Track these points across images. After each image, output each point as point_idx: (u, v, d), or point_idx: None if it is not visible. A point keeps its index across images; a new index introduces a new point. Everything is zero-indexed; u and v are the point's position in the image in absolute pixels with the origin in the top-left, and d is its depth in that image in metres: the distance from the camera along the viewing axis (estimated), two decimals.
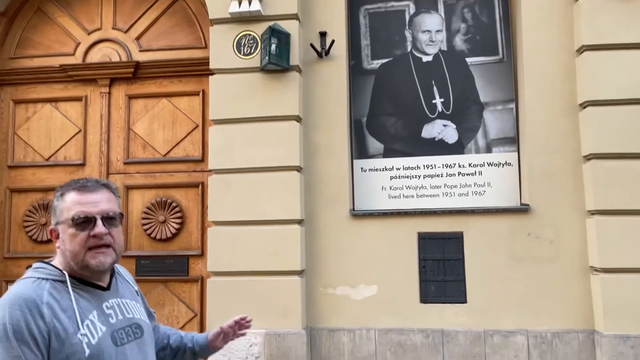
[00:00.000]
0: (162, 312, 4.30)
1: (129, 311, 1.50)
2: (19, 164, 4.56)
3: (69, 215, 1.41)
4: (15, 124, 4.61)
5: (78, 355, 1.31)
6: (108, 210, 1.44)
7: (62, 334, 1.30)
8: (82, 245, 1.39)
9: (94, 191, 1.45)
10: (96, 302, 1.42)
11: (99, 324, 1.38)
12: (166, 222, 4.34)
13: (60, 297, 1.34)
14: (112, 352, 1.38)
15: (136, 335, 1.48)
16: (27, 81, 4.60)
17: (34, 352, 1.27)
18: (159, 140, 4.45)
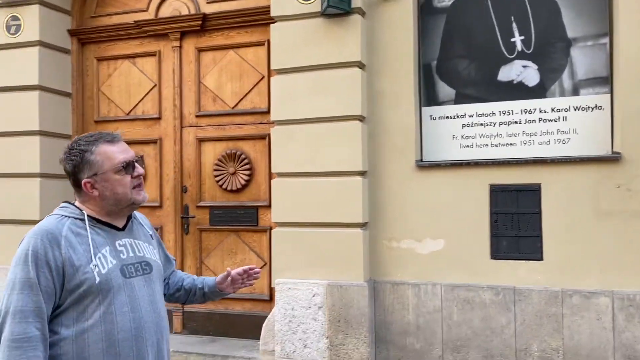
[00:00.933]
0: (235, 260, 4.46)
1: (140, 250, 1.69)
2: (103, 118, 4.85)
3: (114, 163, 1.60)
4: (99, 80, 4.88)
5: (90, 282, 1.51)
6: (135, 156, 1.69)
7: (76, 263, 1.50)
8: (128, 187, 1.62)
9: (120, 141, 1.68)
10: (110, 239, 1.61)
11: (110, 257, 1.57)
12: (236, 173, 4.43)
13: (78, 232, 1.55)
14: (120, 282, 1.56)
15: (145, 271, 1.66)
16: (107, 39, 4.81)
17: (47, 276, 1.47)
18: (227, 92, 4.49)
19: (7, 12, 4.56)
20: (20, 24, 4.53)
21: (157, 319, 1.65)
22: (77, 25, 4.84)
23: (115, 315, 1.53)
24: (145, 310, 1.61)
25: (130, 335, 1.55)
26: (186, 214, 4.57)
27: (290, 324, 3.83)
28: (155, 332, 1.63)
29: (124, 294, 1.57)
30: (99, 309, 1.52)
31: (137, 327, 1.57)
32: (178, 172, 4.60)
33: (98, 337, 1.50)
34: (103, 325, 1.51)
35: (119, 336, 1.53)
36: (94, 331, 1.50)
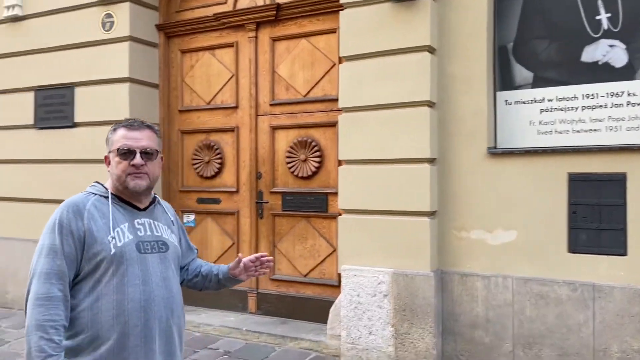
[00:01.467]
0: (305, 245, 4.55)
1: (158, 230, 1.80)
2: (187, 108, 5.13)
3: (116, 147, 1.74)
4: (183, 72, 5.16)
5: (105, 252, 1.65)
6: (147, 147, 1.75)
7: (95, 234, 1.65)
8: (124, 171, 1.72)
9: (138, 129, 1.77)
10: (130, 217, 1.75)
11: (127, 232, 1.71)
12: (307, 160, 4.51)
13: (101, 208, 1.71)
14: (133, 255, 1.69)
15: (160, 250, 1.77)
16: (190, 32, 5.07)
17: (70, 243, 1.63)
18: (299, 81, 4.57)
19: (102, 10, 4.95)
20: (113, 21, 4.90)
21: (168, 295, 1.74)
22: (163, 20, 5.15)
23: (126, 287, 1.64)
24: (156, 284, 1.70)
25: (139, 306, 1.66)
26: (260, 199, 4.73)
27: (356, 310, 3.85)
28: (164, 307, 1.72)
29: (137, 267, 1.68)
30: (113, 279, 1.64)
31: (147, 299, 1.67)
32: (253, 159, 4.76)
33: (110, 305, 1.62)
34: (115, 294, 1.63)
35: (128, 306, 1.64)
36: (106, 299, 1.63)
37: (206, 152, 5.00)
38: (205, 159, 4.99)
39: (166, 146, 5.16)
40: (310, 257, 4.55)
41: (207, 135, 5.02)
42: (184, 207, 5.14)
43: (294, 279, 4.63)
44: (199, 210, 5.06)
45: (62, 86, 5.16)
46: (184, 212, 5.14)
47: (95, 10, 4.97)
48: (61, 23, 5.15)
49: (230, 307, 4.88)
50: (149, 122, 1.84)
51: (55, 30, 5.18)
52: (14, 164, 5.47)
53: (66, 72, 5.13)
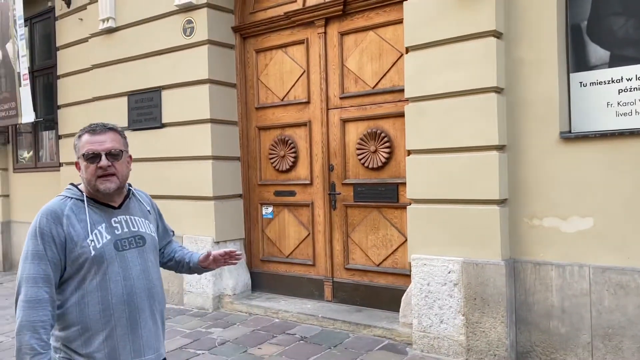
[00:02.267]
0: (377, 235, 4.63)
1: (135, 225, 1.91)
2: (262, 105, 5.38)
3: (82, 152, 1.83)
4: (258, 70, 5.40)
5: (86, 254, 1.76)
6: (111, 148, 1.83)
7: (75, 238, 1.76)
8: (93, 174, 1.81)
9: (101, 133, 1.84)
10: (106, 217, 1.85)
11: (105, 233, 1.81)
12: (377, 151, 4.57)
13: (78, 212, 1.81)
14: (113, 254, 1.80)
15: (138, 244, 1.89)
16: (263, 31, 5.30)
17: (52, 249, 1.74)
18: (368, 73, 4.64)
19: (183, 17, 5.30)
20: (193, 27, 5.24)
21: (149, 285, 1.88)
22: (238, 22, 5.42)
23: (109, 283, 1.78)
24: (137, 278, 1.84)
25: (122, 300, 1.80)
26: (333, 190, 4.87)
27: (427, 299, 3.88)
28: (147, 297, 1.86)
29: (117, 265, 1.80)
30: (96, 278, 1.77)
31: (129, 292, 1.81)
32: (325, 152, 4.90)
33: (95, 301, 1.76)
34: (99, 291, 1.77)
35: (112, 300, 1.78)
36: (91, 296, 1.76)
37: (281, 147, 5.22)
38: (281, 154, 5.21)
39: (244, 142, 5.45)
40: (383, 247, 4.62)
41: (282, 130, 5.23)
42: (263, 199, 5.40)
43: (367, 268, 4.72)
44: (277, 203, 5.30)
45: (151, 90, 5.60)
46: (263, 204, 5.40)
47: (177, 18, 5.34)
48: (148, 32, 5.58)
49: (308, 295, 5.07)
50: (112, 125, 1.91)
51: (143, 38, 5.63)
52: None
53: (153, 77, 5.56)
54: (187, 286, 5.32)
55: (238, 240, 5.41)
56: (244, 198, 5.47)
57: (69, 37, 6.63)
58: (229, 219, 5.31)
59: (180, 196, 5.39)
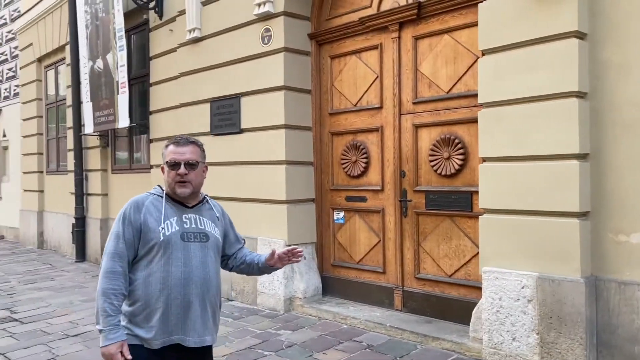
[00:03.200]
0: (450, 245, 4.48)
1: (202, 224, 2.21)
2: (336, 110, 5.40)
3: (166, 160, 2.18)
4: (332, 76, 5.43)
5: (156, 239, 2.09)
6: (189, 159, 2.16)
7: (150, 225, 2.11)
8: (173, 179, 2.15)
9: (183, 145, 2.18)
10: (179, 212, 2.18)
11: (175, 224, 2.14)
12: (450, 158, 4.43)
13: (157, 205, 2.16)
14: (178, 243, 2.11)
15: (202, 240, 2.18)
16: (338, 38, 5.32)
17: (129, 231, 2.10)
18: (442, 77, 4.51)
19: (261, 26, 5.46)
20: (271, 35, 5.38)
21: (205, 276, 2.15)
22: (315, 29, 5.49)
23: (170, 266, 2.08)
24: (195, 267, 2.12)
25: (180, 282, 2.09)
26: (404, 197, 4.78)
27: (498, 314, 3.69)
28: (201, 285, 2.13)
29: (180, 252, 2.10)
30: (161, 260, 2.08)
31: (186, 277, 2.10)
32: (397, 158, 4.83)
33: (157, 280, 2.08)
34: (162, 272, 2.08)
35: (171, 282, 2.08)
36: (155, 276, 2.08)
37: (353, 152, 5.21)
38: (353, 159, 5.20)
39: (318, 147, 5.50)
40: (455, 258, 4.46)
41: (354, 135, 5.22)
42: (334, 204, 5.42)
43: (438, 278, 4.58)
44: (348, 208, 5.30)
45: (231, 97, 5.82)
46: (334, 209, 5.42)
47: (256, 27, 5.51)
48: (229, 41, 5.81)
49: (377, 303, 5.01)
50: (194, 139, 2.24)
51: (225, 47, 5.86)
52: None
53: (234, 84, 5.77)
54: (261, 287, 5.45)
55: (310, 244, 5.46)
56: (316, 202, 5.52)
57: (160, 48, 7.07)
58: (301, 223, 5.38)
59: (255, 199, 5.54)
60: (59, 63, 10.01)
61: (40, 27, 10.36)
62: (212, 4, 6.05)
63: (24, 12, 10.99)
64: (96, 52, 7.90)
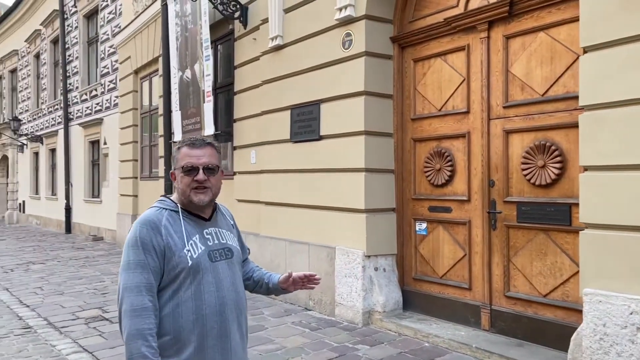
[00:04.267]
0: (544, 262, 4.08)
1: (223, 238, 1.95)
2: (418, 116, 5.15)
3: (181, 164, 1.87)
4: (415, 80, 5.19)
5: (183, 264, 1.79)
6: (208, 163, 1.87)
7: (173, 248, 1.80)
8: (188, 185, 1.86)
9: (200, 147, 1.89)
10: (199, 228, 1.89)
11: (199, 244, 1.85)
12: (545, 166, 4.04)
13: (173, 222, 1.85)
14: (207, 265, 1.84)
15: (227, 256, 1.92)
16: (422, 40, 5.08)
17: (154, 258, 1.78)
18: (536, 79, 4.14)
19: (342, 31, 5.35)
20: (351, 39, 5.24)
21: (237, 297, 1.91)
22: (397, 32, 5.28)
23: (203, 294, 1.80)
24: (227, 289, 1.87)
25: (215, 311, 1.82)
26: (493, 209, 4.43)
27: (602, 342, 3.28)
28: (235, 308, 1.88)
29: (210, 276, 1.83)
30: (191, 288, 1.79)
31: (221, 303, 1.84)
32: (485, 166, 4.49)
33: (189, 311, 1.78)
34: (193, 301, 1.79)
35: (206, 311, 1.80)
36: (186, 305, 1.78)
37: (437, 160, 4.93)
38: (436, 167, 4.92)
39: (399, 155, 5.28)
40: (551, 276, 4.05)
41: (438, 142, 4.94)
42: (416, 214, 5.16)
43: (531, 298, 4.19)
44: (431, 219, 5.02)
45: (311, 103, 5.75)
46: (416, 219, 5.16)
47: (337, 32, 5.40)
48: (310, 47, 5.75)
49: (462, 321, 4.69)
50: (210, 140, 1.94)
51: (306, 54, 5.81)
52: (277, 173, 6.33)
53: (314, 91, 5.70)
54: (339, 298, 5.30)
55: (390, 255, 5.24)
56: (397, 212, 5.29)
57: (244, 56, 7.18)
58: (381, 233, 5.17)
59: (333, 207, 5.41)
60: (153, 74, 10.54)
61: (137, 41, 10.98)
62: (293, 12, 6.04)
63: (123, 27, 11.71)
64: (185, 62, 8.19)
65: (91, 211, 14.29)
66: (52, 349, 4.68)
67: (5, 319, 5.75)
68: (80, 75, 15.11)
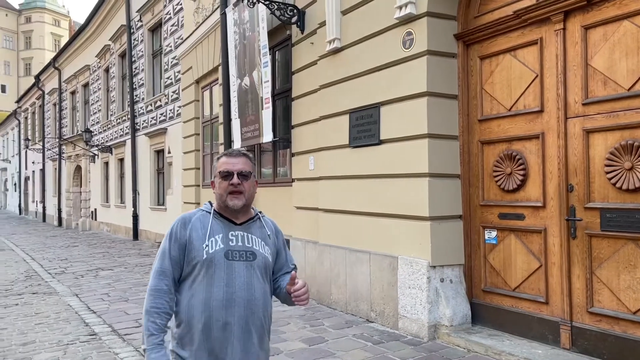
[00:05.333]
0: (634, 275, 3.67)
1: (250, 242, 2.06)
2: (486, 117, 4.82)
3: (219, 170, 2.08)
4: (482, 79, 4.87)
5: (199, 257, 1.98)
6: (242, 169, 2.06)
7: (194, 242, 2.00)
8: (225, 190, 2.05)
9: (236, 157, 2.10)
10: (225, 229, 2.05)
11: (220, 242, 2.01)
12: (633, 169, 3.64)
13: (203, 221, 2.05)
14: (221, 261, 1.98)
15: (248, 259, 2.03)
16: (489, 36, 4.75)
17: (175, 248, 2.01)
18: (621, 72, 3.74)
19: (402, 30, 5.11)
20: (412, 38, 5.00)
21: (250, 298, 1.99)
22: (462, 28, 4.98)
23: (213, 287, 1.96)
24: (239, 287, 1.98)
25: (222, 304, 1.96)
26: (572, 216, 4.04)
27: None
28: (245, 307, 1.98)
29: (223, 272, 1.97)
30: (204, 280, 1.97)
31: (229, 299, 1.96)
32: (562, 169, 4.12)
33: (199, 301, 1.96)
34: (204, 292, 1.96)
35: (212, 303, 1.95)
36: (197, 296, 1.97)
37: (507, 163, 4.58)
38: (507, 171, 4.58)
39: (465, 158, 4.97)
40: None
41: (509, 144, 4.60)
42: (485, 222, 4.82)
43: (619, 315, 3.77)
44: (501, 227, 4.66)
45: (370, 107, 5.54)
46: (485, 227, 4.82)
47: (397, 31, 5.17)
48: (369, 48, 5.55)
49: (538, 338, 4.31)
50: (245, 151, 2.16)
51: (364, 56, 5.62)
52: (336, 179, 6.15)
53: (373, 93, 5.49)
54: (402, 310, 5.04)
55: (457, 266, 4.92)
56: (463, 219, 4.97)
57: (301, 61, 7.07)
58: (447, 242, 4.87)
59: (394, 215, 5.17)
60: (213, 83, 10.67)
61: (197, 51, 11.18)
62: (351, 13, 5.86)
63: (185, 38, 11.98)
64: (243, 70, 8.20)
65: (156, 218, 14.68)
66: (115, 357, 4.70)
67: (73, 325, 5.89)
68: (146, 87, 15.63)
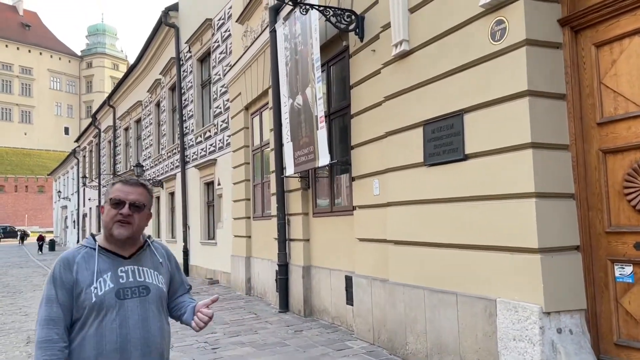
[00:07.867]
0: None
1: (141, 276, 2.05)
2: (609, 119, 3.76)
3: (110, 197, 2.06)
4: (600, 72, 3.84)
5: (88, 300, 1.94)
6: (135, 200, 2.05)
7: (82, 284, 1.96)
8: (112, 218, 2.03)
9: (132, 185, 2.08)
10: (114, 266, 2.02)
11: (109, 281, 1.98)
12: None
13: (88, 260, 2.00)
14: (112, 302, 1.96)
15: (141, 294, 2.02)
16: (605, 17, 3.75)
17: (63, 292, 1.95)
18: None
19: (489, 19, 4.17)
20: (505, 27, 4.04)
21: (147, 335, 1.98)
22: (568, 11, 3.99)
23: (104, 330, 1.93)
24: (133, 327, 1.96)
25: (115, 348, 1.93)
26: None
27: None
28: (141, 346, 1.96)
29: (115, 313, 1.94)
30: (94, 324, 1.93)
31: (123, 341, 1.94)
32: None
33: (91, 346, 1.92)
34: (95, 337, 1.93)
35: (106, 347, 1.92)
36: (88, 341, 1.93)
37: None
38: None
39: (581, 172, 3.90)
40: None
41: None
42: (614, 254, 3.70)
43: None
44: (638, 260, 3.54)
45: (450, 115, 4.58)
46: (615, 261, 3.70)
47: (482, 22, 4.24)
48: (446, 47, 4.64)
49: None
50: (144, 181, 2.12)
51: (440, 56, 4.71)
52: (408, 205, 5.17)
53: (453, 99, 4.54)
54: None
55: (577, 311, 3.79)
56: (582, 251, 3.87)
57: (361, 73, 6.24)
58: (563, 281, 3.77)
59: (488, 246, 4.12)
60: (263, 108, 10.03)
61: (246, 76, 10.61)
62: (421, 9, 4.99)
63: (233, 63, 11.47)
64: (295, 88, 7.46)
65: (207, 253, 14.05)
66: None
67: None
68: (195, 118, 15.26)
